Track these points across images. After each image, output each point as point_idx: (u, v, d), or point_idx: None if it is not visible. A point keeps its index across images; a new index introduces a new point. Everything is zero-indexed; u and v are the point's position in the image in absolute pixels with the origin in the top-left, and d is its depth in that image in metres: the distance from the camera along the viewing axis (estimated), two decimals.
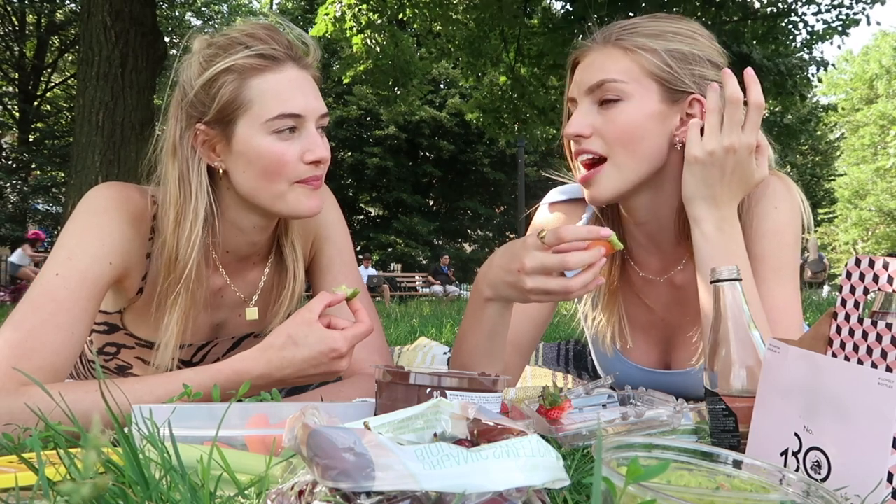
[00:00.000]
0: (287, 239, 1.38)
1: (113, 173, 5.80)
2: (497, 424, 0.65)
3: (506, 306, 1.22)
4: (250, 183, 1.21)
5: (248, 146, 1.18)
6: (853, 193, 34.39)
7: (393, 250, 23.72)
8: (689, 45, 1.26)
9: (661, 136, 1.25)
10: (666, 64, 1.23)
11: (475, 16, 10.35)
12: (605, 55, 1.26)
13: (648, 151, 1.25)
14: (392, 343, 3.10)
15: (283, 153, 1.18)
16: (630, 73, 1.23)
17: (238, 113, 1.17)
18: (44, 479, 0.57)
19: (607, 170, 1.25)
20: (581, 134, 1.25)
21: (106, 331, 1.36)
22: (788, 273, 1.26)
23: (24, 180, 16.94)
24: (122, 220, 1.22)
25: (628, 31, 1.26)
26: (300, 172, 1.20)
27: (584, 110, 1.27)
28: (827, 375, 0.73)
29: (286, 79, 1.19)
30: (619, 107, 1.23)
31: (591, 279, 1.09)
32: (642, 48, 1.24)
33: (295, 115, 1.18)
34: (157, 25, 6.60)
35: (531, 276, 1.10)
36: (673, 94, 1.24)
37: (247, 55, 1.17)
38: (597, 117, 1.25)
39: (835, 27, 10.40)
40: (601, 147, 1.25)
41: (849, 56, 37.47)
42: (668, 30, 1.27)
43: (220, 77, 1.17)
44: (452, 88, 24.17)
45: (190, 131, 1.21)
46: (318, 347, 1.10)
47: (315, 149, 1.20)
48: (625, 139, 1.23)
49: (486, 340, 1.24)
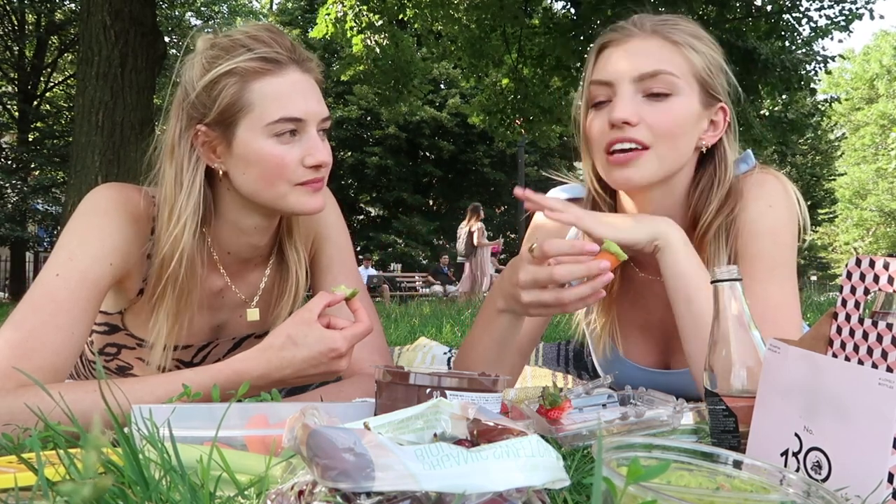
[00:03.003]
0: (291, 240, 1.38)
1: (112, 173, 5.80)
2: (497, 424, 0.65)
3: (517, 318, 1.24)
4: (251, 185, 1.21)
5: (249, 149, 1.18)
6: (854, 193, 34.39)
7: (393, 250, 23.71)
8: (719, 54, 1.29)
9: (694, 136, 1.27)
10: (708, 67, 1.26)
11: (476, 16, 10.35)
12: (657, 45, 1.24)
13: (685, 149, 1.26)
14: (392, 343, 3.10)
15: (283, 156, 1.18)
16: (681, 69, 1.24)
17: (239, 116, 1.17)
18: (43, 480, 0.57)
19: (649, 156, 1.23)
20: (629, 121, 1.21)
21: (106, 331, 1.36)
22: (785, 272, 1.26)
23: (23, 180, 16.93)
24: (123, 221, 1.22)
25: (673, 26, 1.26)
26: (300, 175, 1.20)
27: (629, 97, 1.22)
28: (827, 376, 0.73)
29: (288, 82, 1.18)
30: (670, 101, 1.23)
31: (588, 292, 1.08)
32: (692, 47, 1.25)
33: (296, 119, 1.18)
34: (157, 25, 6.60)
35: (525, 289, 1.10)
36: (709, 98, 1.26)
37: (249, 58, 1.17)
38: (643, 106, 1.22)
39: (837, 22, 10.41)
40: (647, 137, 1.22)
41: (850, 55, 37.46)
42: (703, 35, 1.29)
43: (222, 79, 1.17)
44: (453, 88, 24.15)
45: (190, 132, 1.21)
46: (318, 347, 1.10)
47: (315, 153, 1.20)
48: (672, 133, 1.23)
49: (496, 350, 1.26)
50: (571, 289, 1.08)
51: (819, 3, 10.35)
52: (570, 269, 1.07)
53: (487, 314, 1.27)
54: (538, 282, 1.09)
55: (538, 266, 1.10)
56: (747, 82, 9.46)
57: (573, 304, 1.09)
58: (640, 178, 1.24)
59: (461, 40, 10.93)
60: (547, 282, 1.08)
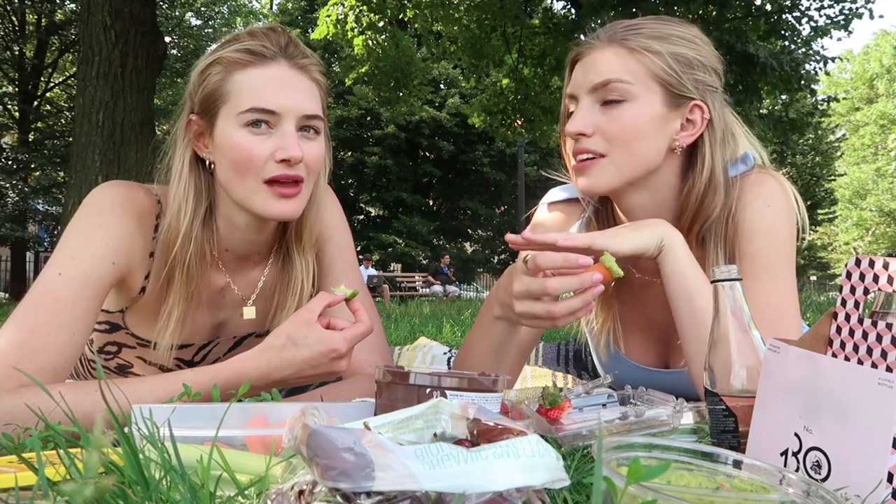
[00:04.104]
0: (300, 246, 1.37)
1: (113, 173, 5.79)
2: (497, 424, 0.65)
3: (513, 325, 1.23)
4: (225, 175, 1.22)
5: (224, 138, 1.19)
6: (853, 193, 34.37)
7: (393, 250, 23.71)
8: (693, 50, 1.26)
9: (660, 139, 1.25)
10: (670, 67, 1.23)
11: (476, 16, 10.36)
12: (611, 54, 1.26)
13: (646, 153, 1.25)
14: (392, 343, 3.10)
15: (252, 148, 1.17)
16: (635, 74, 1.23)
17: (219, 104, 1.19)
18: (44, 480, 0.57)
19: (604, 164, 1.25)
20: (583, 133, 1.25)
21: (107, 330, 1.36)
22: (783, 271, 1.25)
23: (24, 181, 16.93)
24: (127, 220, 1.22)
25: (633, 30, 1.26)
26: (270, 170, 1.18)
27: (586, 108, 1.26)
28: (827, 375, 0.73)
29: (268, 75, 1.19)
30: (622, 107, 1.23)
31: (579, 305, 1.08)
32: (648, 49, 1.24)
33: (267, 111, 1.17)
34: (157, 25, 6.60)
35: (518, 300, 1.10)
36: (675, 98, 1.25)
37: (234, 48, 1.19)
38: (599, 116, 1.25)
39: (837, 21, 10.41)
40: (601, 146, 1.25)
41: (849, 55, 37.46)
42: (672, 33, 1.26)
43: (209, 68, 1.21)
44: (452, 88, 24.16)
45: (184, 120, 1.25)
46: (318, 348, 1.10)
47: (288, 147, 1.17)
48: (625, 139, 1.23)
49: (493, 355, 1.27)
50: (562, 302, 1.08)
51: (819, 3, 10.35)
52: (563, 282, 1.07)
53: (485, 321, 1.27)
54: (532, 293, 1.09)
55: (532, 277, 1.10)
56: (747, 82, 9.46)
57: (563, 319, 1.09)
58: (598, 185, 1.27)
59: (461, 40, 10.94)
60: (540, 293, 1.08)
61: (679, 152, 1.28)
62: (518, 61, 10.84)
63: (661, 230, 1.20)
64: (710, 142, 1.27)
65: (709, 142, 1.27)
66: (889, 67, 35.55)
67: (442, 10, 10.38)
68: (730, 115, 1.35)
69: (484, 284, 25.42)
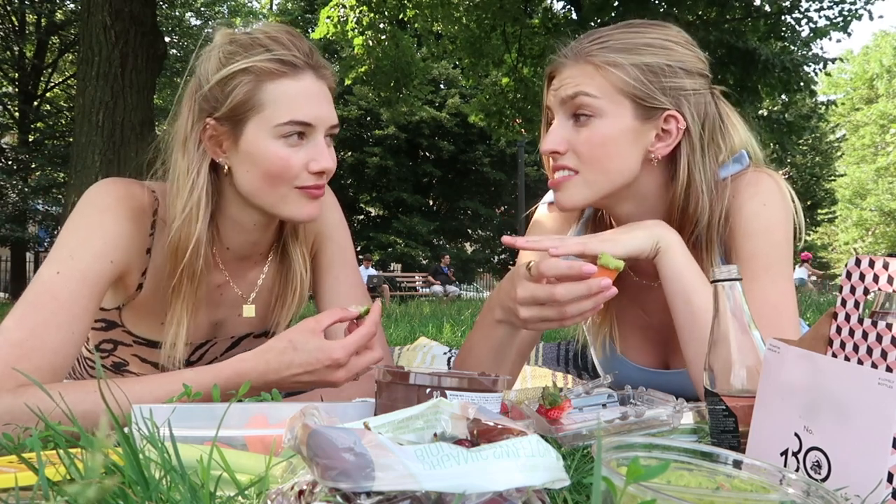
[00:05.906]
0: (296, 243, 1.38)
1: (113, 173, 5.79)
2: (497, 424, 0.65)
3: (515, 329, 1.24)
4: (253, 183, 1.22)
5: (256, 147, 1.19)
6: (853, 193, 34.37)
7: (393, 250, 23.71)
8: (662, 57, 1.23)
9: (634, 153, 1.24)
10: (637, 80, 1.21)
11: (476, 16, 10.36)
12: (578, 70, 1.24)
13: (619, 168, 1.24)
14: (392, 343, 3.10)
15: (288, 159, 1.19)
16: (602, 90, 1.22)
17: (250, 114, 1.18)
18: (44, 480, 0.57)
19: (577, 181, 1.25)
20: (556, 150, 1.25)
21: (103, 327, 1.36)
22: (780, 271, 1.25)
23: (24, 181, 16.92)
24: (124, 217, 1.22)
25: (599, 44, 1.24)
26: (303, 180, 1.21)
27: (559, 125, 1.26)
28: (827, 376, 0.73)
29: (301, 86, 1.19)
30: (592, 123, 1.22)
31: (590, 306, 1.09)
32: (612, 64, 1.21)
33: (304, 123, 1.19)
34: (157, 25, 6.60)
35: (523, 306, 1.11)
36: (646, 110, 1.22)
37: (266, 58, 1.18)
38: (571, 132, 1.25)
39: (836, 22, 10.42)
40: (574, 162, 1.25)
41: (849, 56, 37.45)
42: (640, 42, 1.24)
43: (237, 76, 1.18)
44: (452, 88, 24.16)
45: (200, 124, 1.22)
46: (316, 355, 1.10)
47: (320, 159, 1.21)
48: (597, 156, 1.23)
49: (493, 356, 1.28)
50: (573, 305, 1.08)
51: (819, 4, 10.35)
52: (570, 289, 1.07)
53: (486, 323, 1.27)
54: (537, 299, 1.09)
55: (537, 284, 1.10)
56: (747, 83, 9.46)
57: (574, 319, 1.10)
58: (571, 201, 1.27)
59: (461, 40, 10.95)
60: (547, 301, 1.09)
61: (656, 163, 1.26)
62: (518, 61, 10.85)
63: (657, 231, 1.19)
64: (688, 151, 1.25)
65: (686, 150, 1.25)
66: (889, 67, 35.55)
67: (442, 9, 10.39)
68: (724, 108, 1.32)
69: (484, 284, 25.43)
